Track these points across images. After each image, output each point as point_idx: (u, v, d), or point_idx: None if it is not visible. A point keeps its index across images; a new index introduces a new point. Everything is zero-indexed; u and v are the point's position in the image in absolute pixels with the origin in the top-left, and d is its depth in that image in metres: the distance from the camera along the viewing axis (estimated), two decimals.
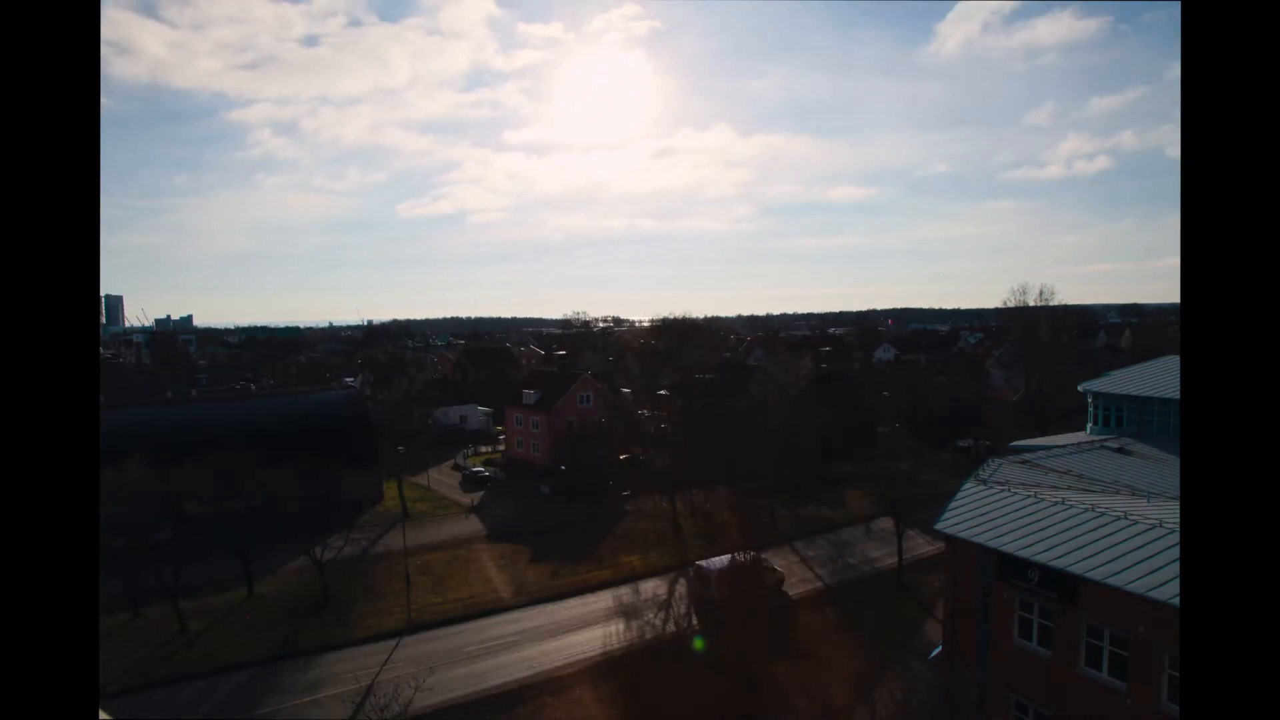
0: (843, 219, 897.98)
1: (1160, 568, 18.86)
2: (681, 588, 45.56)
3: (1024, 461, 31.02)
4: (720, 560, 40.33)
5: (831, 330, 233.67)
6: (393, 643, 38.69)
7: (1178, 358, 32.81)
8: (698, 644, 37.89)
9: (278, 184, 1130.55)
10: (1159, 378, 40.23)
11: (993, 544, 22.66)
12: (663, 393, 77.20)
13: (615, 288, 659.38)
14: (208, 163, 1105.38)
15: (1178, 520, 19.52)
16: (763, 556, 40.94)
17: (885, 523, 52.55)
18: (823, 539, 55.15)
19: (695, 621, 36.91)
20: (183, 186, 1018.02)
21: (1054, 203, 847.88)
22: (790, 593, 44.20)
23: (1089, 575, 19.65)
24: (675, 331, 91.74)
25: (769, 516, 57.19)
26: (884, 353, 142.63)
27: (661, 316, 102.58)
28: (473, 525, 59.38)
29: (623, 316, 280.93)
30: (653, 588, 45.72)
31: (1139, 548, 20.06)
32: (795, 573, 48.02)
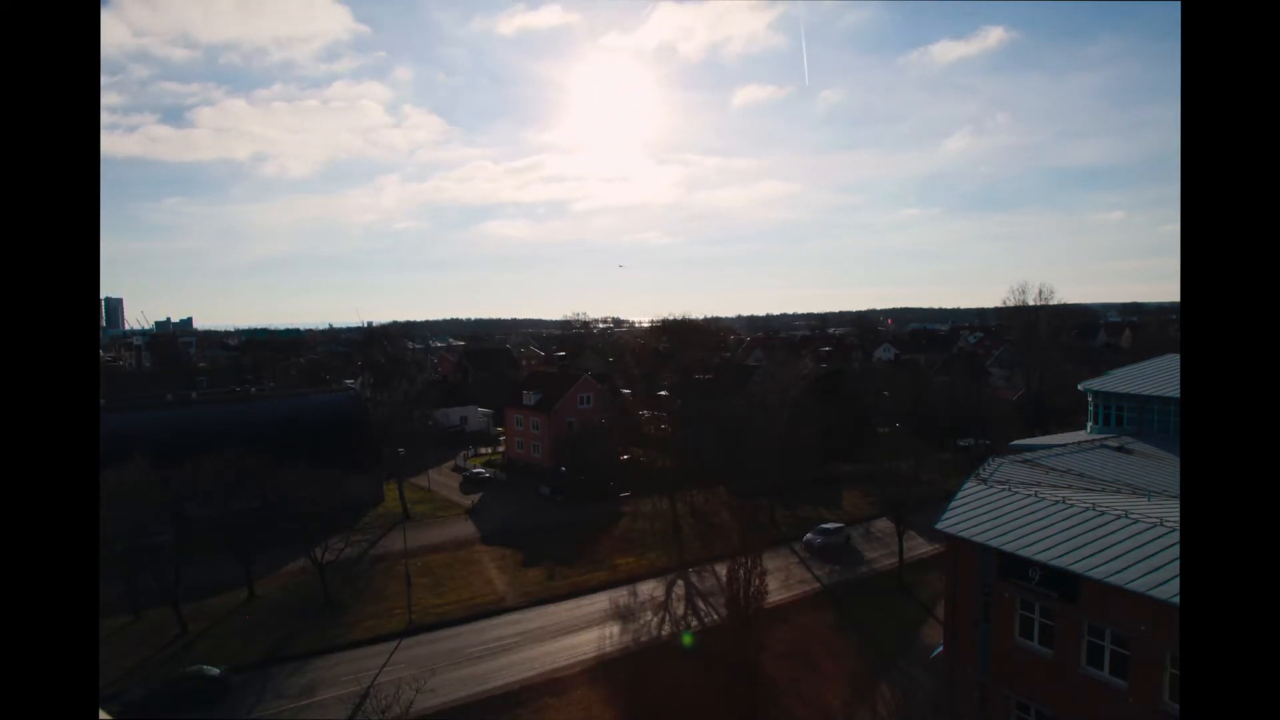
0: (844, 220, 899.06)
1: (1160, 566, 18.85)
2: (680, 589, 45.62)
3: (1024, 461, 31.03)
4: None
5: (831, 330, 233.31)
6: (393, 644, 38.69)
7: (1178, 357, 32.84)
8: (686, 639, 38.22)
9: (278, 193, 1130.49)
10: (1159, 377, 40.25)
11: (993, 543, 22.66)
12: (663, 393, 77.07)
13: (615, 289, 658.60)
14: (209, 177, 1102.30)
15: (1178, 519, 19.53)
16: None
17: (885, 523, 52.59)
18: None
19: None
20: (183, 196, 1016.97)
21: (1053, 203, 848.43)
22: (790, 594, 44.29)
23: (1090, 574, 19.65)
24: (675, 332, 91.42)
25: (769, 517, 57.23)
26: (884, 353, 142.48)
27: (661, 317, 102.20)
28: (473, 527, 59.35)
29: (622, 317, 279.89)
30: (651, 589, 45.78)
31: (1139, 546, 20.06)
32: (794, 574, 48.06)
